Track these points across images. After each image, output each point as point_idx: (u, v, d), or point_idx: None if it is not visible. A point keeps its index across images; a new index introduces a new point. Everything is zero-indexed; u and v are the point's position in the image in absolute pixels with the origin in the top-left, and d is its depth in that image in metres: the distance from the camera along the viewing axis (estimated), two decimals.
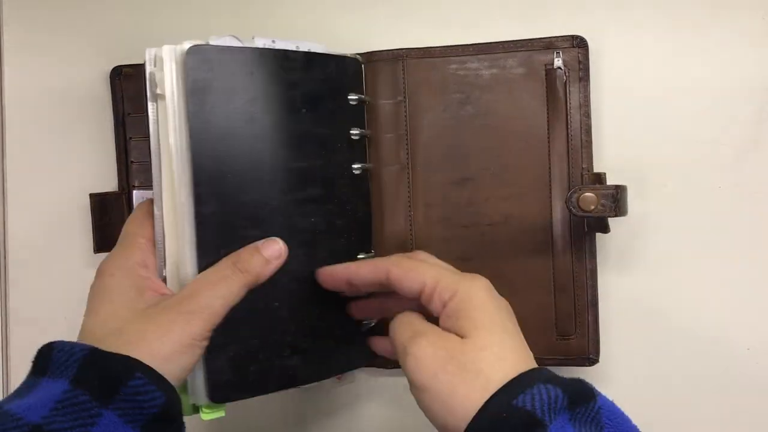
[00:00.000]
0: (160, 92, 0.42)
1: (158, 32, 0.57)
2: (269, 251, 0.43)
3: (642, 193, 0.52)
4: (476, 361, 0.37)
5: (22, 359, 0.57)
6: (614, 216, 0.46)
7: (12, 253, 0.58)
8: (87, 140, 0.57)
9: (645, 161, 0.52)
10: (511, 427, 0.34)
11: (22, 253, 0.58)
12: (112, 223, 0.54)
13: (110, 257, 0.43)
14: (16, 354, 0.58)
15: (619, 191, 0.46)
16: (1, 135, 0.58)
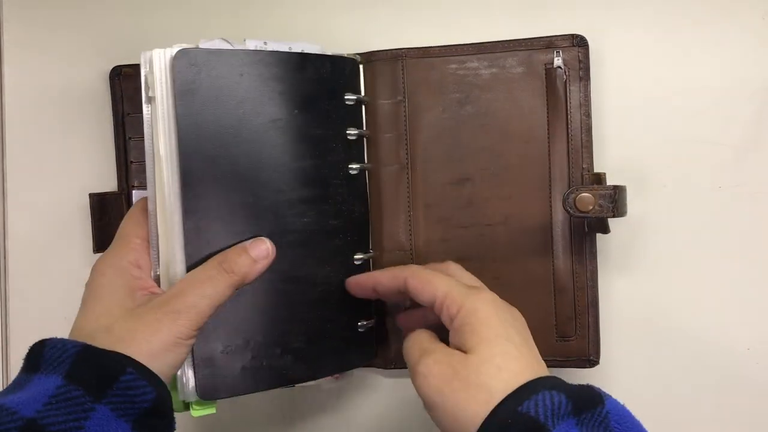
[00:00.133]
0: (151, 95, 0.43)
1: (158, 32, 0.57)
2: (256, 251, 0.43)
3: (642, 193, 0.52)
4: (479, 375, 0.38)
5: (22, 359, 0.57)
6: (612, 217, 0.46)
7: (12, 253, 0.58)
8: (86, 140, 0.57)
9: (645, 161, 0.52)
10: None
11: (22, 253, 0.58)
12: (112, 223, 0.54)
13: (104, 256, 0.44)
14: (16, 354, 0.58)
15: (617, 192, 0.46)
16: (1, 135, 0.58)
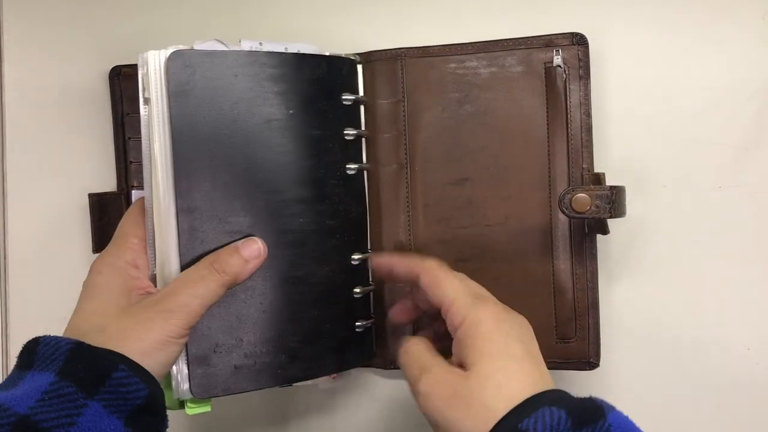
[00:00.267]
0: (147, 96, 0.43)
1: (157, 32, 0.57)
2: (248, 251, 0.43)
3: (642, 193, 0.52)
4: (479, 393, 0.37)
5: None
6: (610, 217, 0.45)
7: (12, 253, 0.58)
8: (86, 140, 0.57)
9: (645, 161, 0.52)
10: None
11: (22, 253, 0.58)
12: (111, 223, 0.54)
13: (102, 255, 0.44)
14: (16, 353, 0.58)
15: (615, 192, 0.45)
16: (1, 135, 0.58)
